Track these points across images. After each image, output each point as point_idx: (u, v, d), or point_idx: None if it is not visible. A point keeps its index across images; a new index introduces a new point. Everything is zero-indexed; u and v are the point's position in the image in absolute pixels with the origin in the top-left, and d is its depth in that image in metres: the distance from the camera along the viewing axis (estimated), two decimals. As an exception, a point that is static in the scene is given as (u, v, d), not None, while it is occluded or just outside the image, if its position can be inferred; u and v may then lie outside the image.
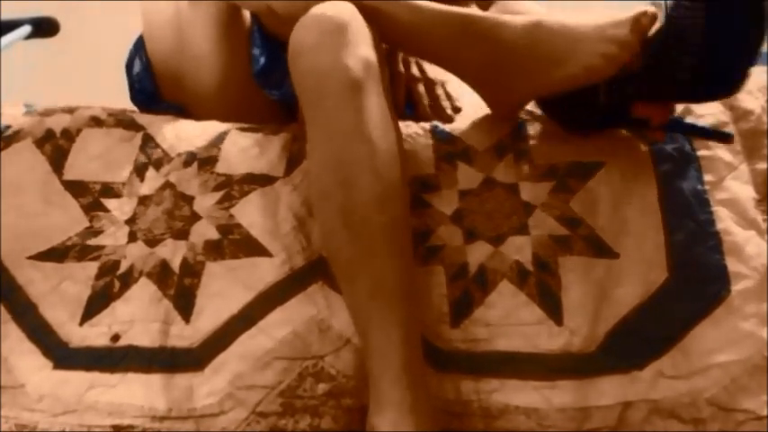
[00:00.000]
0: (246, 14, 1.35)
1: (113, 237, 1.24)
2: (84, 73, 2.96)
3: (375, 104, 1.05)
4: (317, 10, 1.06)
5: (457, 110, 1.30)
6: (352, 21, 1.06)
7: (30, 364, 1.16)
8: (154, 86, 1.40)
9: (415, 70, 1.33)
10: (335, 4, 1.07)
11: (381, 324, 1.02)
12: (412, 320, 1.05)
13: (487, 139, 1.23)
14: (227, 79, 1.33)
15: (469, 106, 1.30)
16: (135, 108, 1.43)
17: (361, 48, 1.05)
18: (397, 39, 1.16)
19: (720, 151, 1.20)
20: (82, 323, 1.18)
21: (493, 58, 1.13)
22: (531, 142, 1.21)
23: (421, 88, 1.31)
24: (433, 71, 1.34)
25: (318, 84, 1.04)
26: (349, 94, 1.03)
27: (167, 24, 1.35)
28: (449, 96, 1.32)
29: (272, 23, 1.27)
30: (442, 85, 1.33)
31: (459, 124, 1.26)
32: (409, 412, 0.99)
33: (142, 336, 1.14)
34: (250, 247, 1.18)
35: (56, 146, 1.32)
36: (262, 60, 1.33)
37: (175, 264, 1.19)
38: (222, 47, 1.32)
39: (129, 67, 1.43)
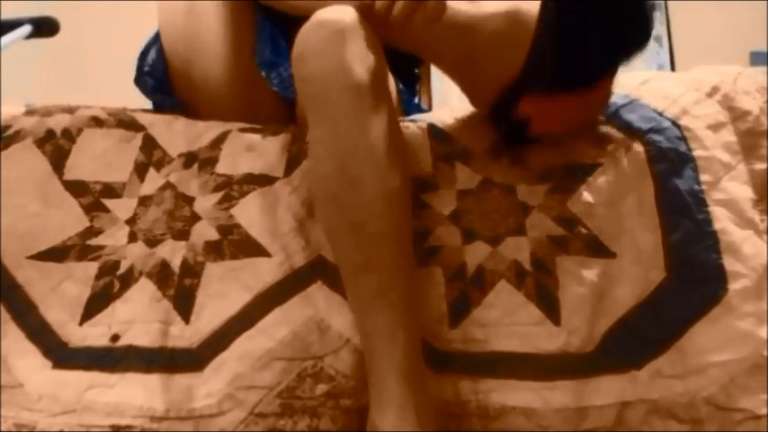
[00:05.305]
0: (252, 6, 1.36)
1: (113, 237, 1.24)
2: (85, 72, 2.96)
3: (379, 107, 1.06)
4: (320, 15, 1.07)
5: None
6: (355, 25, 1.06)
7: (29, 363, 1.16)
8: (165, 76, 1.40)
9: None
10: (338, 9, 1.08)
11: (385, 324, 1.03)
12: (415, 321, 1.06)
13: (484, 140, 1.23)
14: (233, 71, 1.33)
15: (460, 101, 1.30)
16: (134, 106, 1.42)
17: (365, 51, 1.06)
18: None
19: (717, 152, 1.20)
20: (82, 323, 1.18)
21: (468, 49, 1.14)
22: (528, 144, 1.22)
23: None
24: None
25: (323, 88, 1.05)
26: (354, 97, 1.04)
27: (180, 16, 1.36)
28: None
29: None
30: None
31: (456, 124, 1.26)
32: (412, 412, 1.00)
33: (142, 336, 1.15)
34: (249, 248, 1.18)
35: (56, 146, 1.32)
36: (267, 53, 1.34)
37: (175, 264, 1.19)
38: (230, 36, 1.33)
39: (144, 53, 1.44)
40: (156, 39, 1.42)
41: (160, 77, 1.41)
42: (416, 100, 1.51)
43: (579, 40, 1.08)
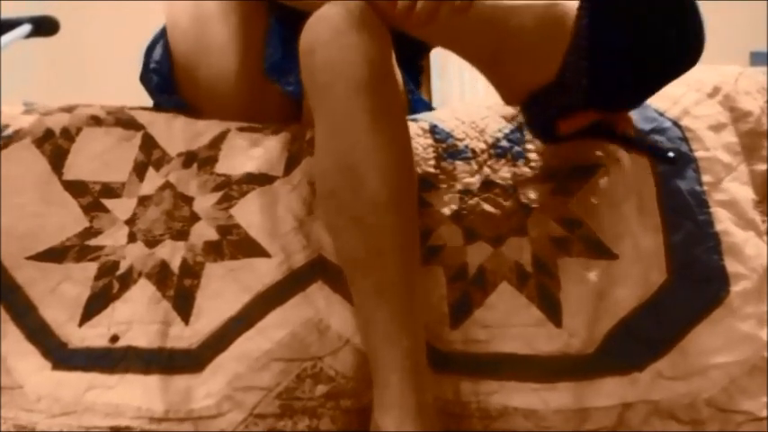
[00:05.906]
0: (264, 11, 1.35)
1: (113, 237, 1.24)
2: (84, 72, 2.96)
3: (385, 103, 1.04)
4: (328, 8, 1.06)
5: None
6: (364, 18, 1.05)
7: (29, 364, 1.16)
8: (170, 74, 1.40)
9: None
10: (346, 3, 1.06)
11: (388, 324, 1.02)
12: (417, 321, 1.05)
13: (487, 140, 1.23)
14: (240, 73, 1.33)
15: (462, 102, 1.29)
16: (134, 105, 1.42)
17: (373, 46, 1.04)
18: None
19: (719, 153, 1.20)
20: (81, 324, 1.18)
21: (501, 44, 1.10)
22: (530, 145, 1.21)
23: None
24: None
25: (329, 81, 1.03)
26: (359, 92, 1.02)
27: (187, 16, 1.35)
28: None
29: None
30: None
31: (458, 124, 1.26)
32: (415, 413, 1.00)
33: (141, 337, 1.14)
34: (249, 248, 1.18)
35: (55, 145, 1.31)
36: (275, 56, 1.33)
37: (175, 264, 1.19)
38: (238, 40, 1.32)
39: (149, 49, 1.43)
40: (163, 34, 1.41)
41: (166, 75, 1.40)
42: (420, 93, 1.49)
43: (616, 65, 1.02)
